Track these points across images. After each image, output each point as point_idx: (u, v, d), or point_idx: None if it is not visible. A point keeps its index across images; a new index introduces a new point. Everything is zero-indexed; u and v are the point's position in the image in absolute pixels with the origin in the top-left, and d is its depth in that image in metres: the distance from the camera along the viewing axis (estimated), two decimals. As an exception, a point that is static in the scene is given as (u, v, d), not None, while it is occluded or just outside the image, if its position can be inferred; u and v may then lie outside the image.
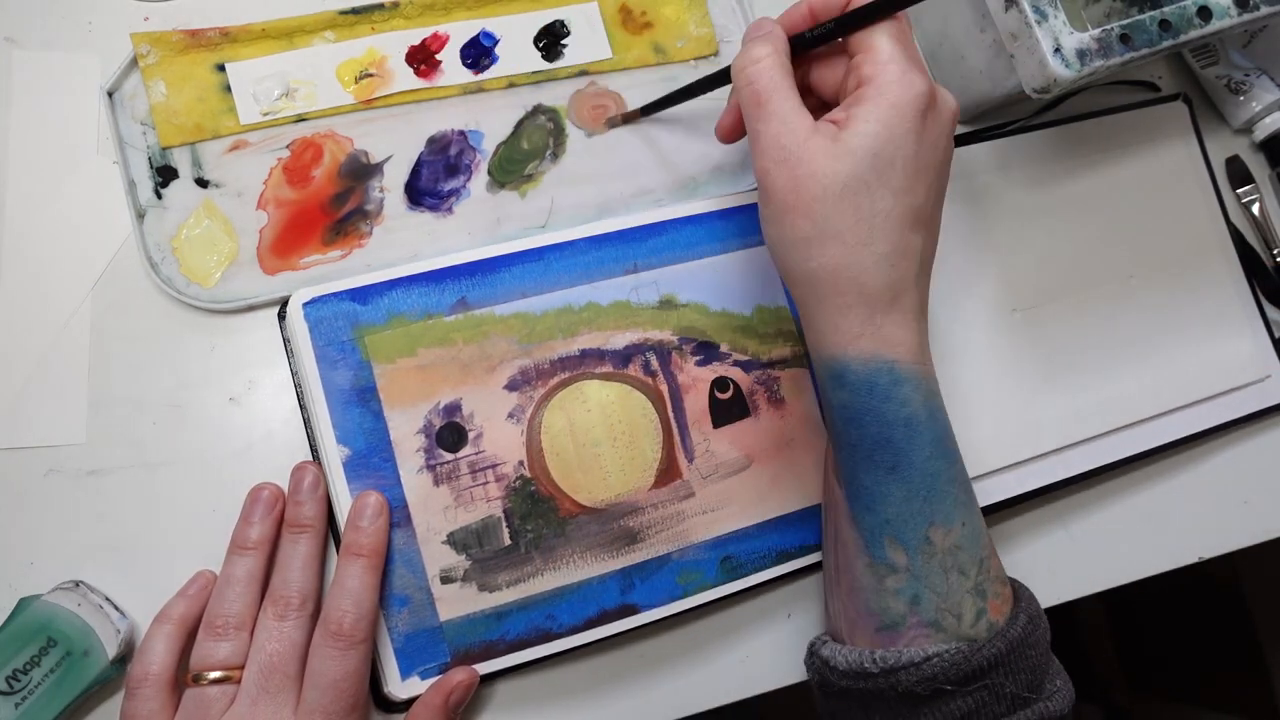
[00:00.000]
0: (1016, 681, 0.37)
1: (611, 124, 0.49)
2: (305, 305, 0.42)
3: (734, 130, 0.45)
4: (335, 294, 0.42)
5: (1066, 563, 0.50)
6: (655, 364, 0.45)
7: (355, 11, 0.47)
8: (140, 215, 0.45)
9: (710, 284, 0.46)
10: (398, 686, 0.41)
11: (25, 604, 0.40)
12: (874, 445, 0.38)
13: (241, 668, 0.39)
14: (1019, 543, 0.50)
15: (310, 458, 0.43)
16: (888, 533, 0.38)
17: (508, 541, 0.42)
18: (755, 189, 0.49)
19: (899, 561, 0.38)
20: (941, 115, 0.38)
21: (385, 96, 0.47)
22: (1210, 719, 1.09)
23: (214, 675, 0.38)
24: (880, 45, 0.37)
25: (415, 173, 0.47)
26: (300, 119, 0.46)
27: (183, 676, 0.39)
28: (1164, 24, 0.43)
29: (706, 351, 0.46)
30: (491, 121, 0.48)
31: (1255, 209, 0.55)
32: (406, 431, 0.42)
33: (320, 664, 0.38)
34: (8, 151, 0.45)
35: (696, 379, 0.46)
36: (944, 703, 0.37)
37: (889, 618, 0.38)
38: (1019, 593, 0.40)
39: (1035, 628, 0.39)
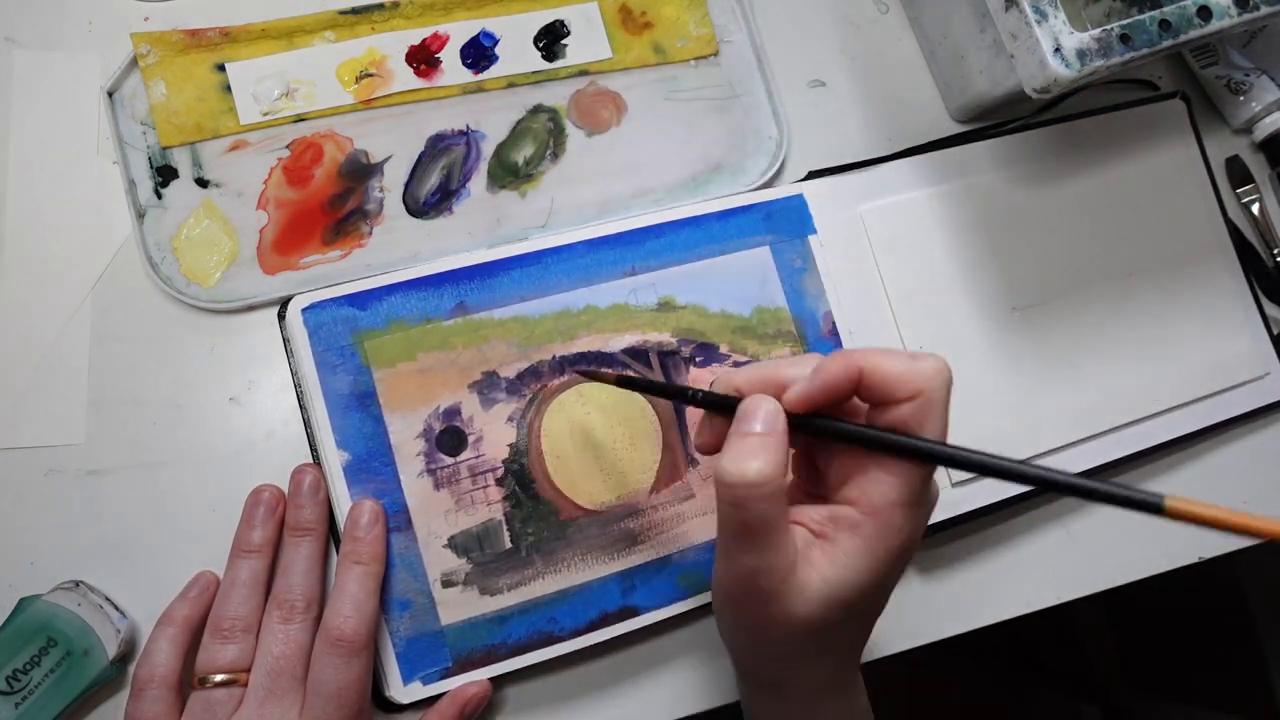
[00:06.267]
0: None
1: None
2: (304, 310, 0.42)
3: (716, 448, 0.35)
4: (334, 299, 0.42)
5: (1066, 563, 0.50)
6: (655, 366, 0.45)
7: (355, 11, 0.47)
8: (140, 215, 0.45)
9: (709, 285, 0.46)
10: (399, 691, 0.41)
11: (25, 604, 0.40)
12: None
13: (247, 670, 0.39)
14: (1019, 543, 0.50)
15: (311, 459, 0.43)
16: None
17: (508, 545, 0.42)
18: (753, 189, 0.49)
19: None
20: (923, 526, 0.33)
21: (385, 96, 0.47)
22: (1210, 718, 1.09)
23: (220, 677, 0.38)
24: (890, 478, 0.31)
25: (415, 173, 0.47)
26: (300, 119, 0.46)
27: (187, 678, 0.39)
28: (1164, 24, 0.43)
29: (706, 353, 0.46)
30: (491, 121, 0.48)
31: (1255, 209, 0.55)
32: (406, 436, 0.42)
33: (322, 673, 0.38)
34: (8, 151, 0.45)
35: (696, 380, 0.45)
36: None
37: None
38: None
39: None
